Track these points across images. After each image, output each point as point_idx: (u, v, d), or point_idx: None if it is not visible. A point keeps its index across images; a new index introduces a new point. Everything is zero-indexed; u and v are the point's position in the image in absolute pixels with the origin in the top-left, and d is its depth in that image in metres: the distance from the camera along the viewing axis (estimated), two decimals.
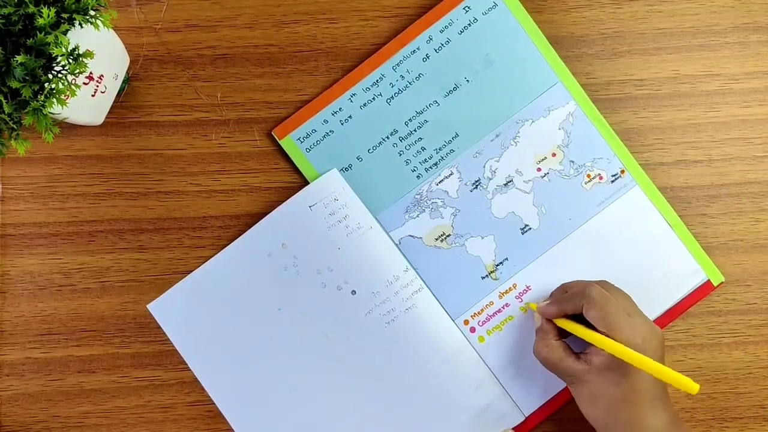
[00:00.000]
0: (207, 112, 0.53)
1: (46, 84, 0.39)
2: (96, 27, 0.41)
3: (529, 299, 0.52)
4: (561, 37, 0.54)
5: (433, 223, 0.53)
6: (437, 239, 0.52)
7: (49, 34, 0.38)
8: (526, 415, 0.51)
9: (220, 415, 0.51)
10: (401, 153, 0.53)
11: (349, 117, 0.53)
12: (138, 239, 0.53)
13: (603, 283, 0.47)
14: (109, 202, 0.53)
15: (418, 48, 0.53)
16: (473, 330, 0.52)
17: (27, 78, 0.38)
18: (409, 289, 0.51)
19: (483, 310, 0.52)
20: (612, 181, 0.53)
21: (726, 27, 0.54)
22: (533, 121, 0.53)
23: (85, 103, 0.46)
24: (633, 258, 0.52)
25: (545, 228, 0.53)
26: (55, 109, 0.40)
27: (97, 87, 0.46)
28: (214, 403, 0.51)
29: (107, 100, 0.50)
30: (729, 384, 0.53)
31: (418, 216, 0.53)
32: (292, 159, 0.53)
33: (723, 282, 0.53)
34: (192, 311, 0.51)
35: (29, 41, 0.38)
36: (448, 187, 0.53)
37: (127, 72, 0.51)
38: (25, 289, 0.52)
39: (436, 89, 0.53)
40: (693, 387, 0.39)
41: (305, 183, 0.53)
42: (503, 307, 0.52)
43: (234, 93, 0.53)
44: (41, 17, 0.38)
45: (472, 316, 0.52)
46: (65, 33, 0.39)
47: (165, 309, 0.51)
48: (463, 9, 0.53)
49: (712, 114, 0.54)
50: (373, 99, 0.53)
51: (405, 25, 0.53)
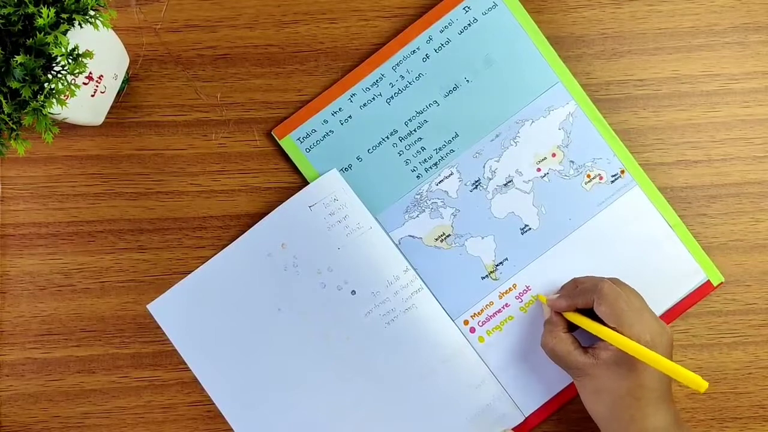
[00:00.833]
0: (207, 112, 0.53)
1: (45, 84, 0.39)
2: (95, 27, 0.41)
3: (528, 299, 0.52)
4: (561, 37, 0.54)
5: (433, 223, 0.53)
6: (437, 239, 0.52)
7: (49, 34, 0.38)
8: (526, 416, 0.51)
9: (220, 415, 0.51)
10: (401, 153, 0.53)
11: (349, 117, 0.53)
12: (138, 239, 0.53)
13: (615, 280, 0.47)
14: (109, 202, 0.53)
15: (418, 48, 0.53)
16: (473, 330, 0.52)
17: (27, 78, 0.38)
18: (409, 290, 0.51)
19: (483, 310, 0.52)
20: (612, 182, 0.53)
21: (726, 27, 0.54)
22: (533, 121, 0.53)
23: (85, 103, 0.46)
24: (633, 258, 0.52)
25: (545, 228, 0.53)
26: (55, 109, 0.40)
27: (97, 87, 0.46)
28: (214, 403, 0.51)
29: (107, 100, 0.50)
30: (729, 384, 0.53)
31: (417, 216, 0.53)
32: (291, 159, 0.53)
33: (723, 282, 0.53)
34: (192, 311, 0.51)
35: (29, 41, 0.38)
36: (447, 187, 0.53)
37: (127, 72, 0.51)
38: (25, 289, 0.52)
39: (436, 89, 0.53)
40: (702, 384, 0.39)
41: (305, 183, 0.53)
42: (503, 308, 0.52)
43: (234, 93, 0.53)
44: (41, 17, 0.38)
45: (472, 316, 0.52)
46: (65, 33, 0.39)
47: (165, 309, 0.51)
48: (463, 9, 0.53)
49: (712, 114, 0.54)
50: (373, 99, 0.53)
51: (405, 25, 0.53)
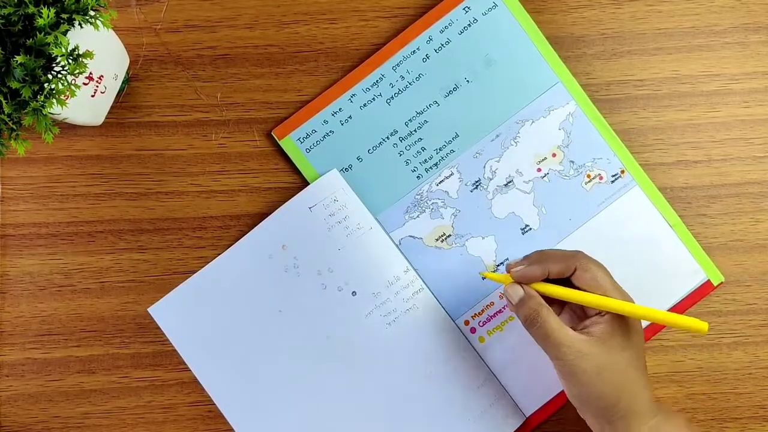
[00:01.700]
0: (207, 112, 0.53)
1: (45, 84, 0.39)
2: (96, 27, 0.41)
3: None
4: (561, 37, 0.54)
5: (434, 224, 0.53)
6: (438, 240, 0.52)
7: (49, 34, 0.38)
8: (526, 416, 0.51)
9: (220, 416, 0.51)
10: (401, 153, 0.53)
11: (349, 117, 0.53)
12: (138, 239, 0.53)
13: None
14: (109, 202, 0.53)
15: (418, 48, 0.53)
16: (474, 330, 0.52)
17: (27, 78, 0.38)
18: (410, 290, 0.51)
19: (483, 310, 0.52)
20: (612, 182, 0.53)
21: (726, 27, 0.54)
22: (533, 122, 0.53)
23: (85, 104, 0.46)
24: (633, 258, 0.52)
25: (545, 228, 0.53)
26: (55, 110, 0.40)
27: (97, 87, 0.46)
28: (214, 404, 0.51)
29: (107, 100, 0.49)
30: (729, 384, 0.53)
31: (418, 216, 0.53)
32: (292, 159, 0.53)
33: (723, 282, 0.53)
34: (193, 314, 0.51)
35: (29, 41, 0.38)
36: (448, 188, 0.53)
37: (127, 72, 0.51)
38: (25, 290, 0.52)
39: (436, 89, 0.53)
40: (703, 326, 0.36)
41: (305, 183, 0.53)
42: (504, 308, 0.52)
43: (234, 93, 0.53)
44: (41, 17, 0.38)
45: (472, 316, 0.52)
46: (65, 33, 0.39)
47: (166, 312, 0.51)
48: (463, 9, 0.53)
49: (712, 114, 0.54)
50: (373, 99, 0.53)
51: (405, 26, 0.53)
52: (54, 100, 0.39)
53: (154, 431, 0.52)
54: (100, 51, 0.42)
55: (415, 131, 0.53)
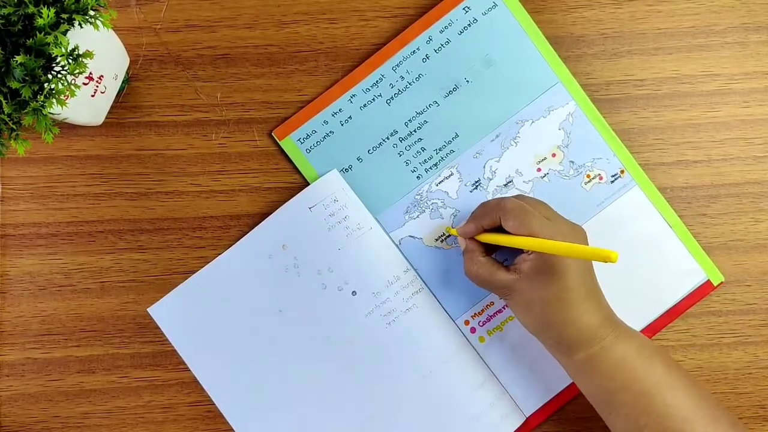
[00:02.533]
0: (207, 112, 0.53)
1: (45, 84, 0.39)
2: (96, 27, 0.41)
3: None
4: (561, 37, 0.54)
5: (434, 224, 0.53)
6: (437, 240, 0.52)
7: (49, 34, 0.38)
8: (526, 416, 0.51)
9: (220, 416, 0.51)
10: (401, 153, 0.53)
11: (349, 118, 0.53)
12: (138, 239, 0.53)
13: (518, 196, 0.48)
14: (109, 202, 0.53)
15: (418, 48, 0.53)
16: (474, 330, 0.52)
17: (27, 78, 0.38)
18: (410, 290, 0.51)
19: (483, 310, 0.52)
20: (612, 182, 0.53)
21: (726, 27, 0.54)
22: (533, 122, 0.53)
23: (85, 103, 0.46)
24: (633, 258, 0.52)
25: None
26: (55, 110, 0.40)
27: (97, 87, 0.46)
28: (214, 403, 0.51)
29: (107, 100, 0.49)
30: (729, 384, 0.53)
31: (418, 216, 0.53)
32: (292, 160, 0.53)
33: (723, 282, 0.53)
34: (193, 314, 0.51)
35: (29, 41, 0.38)
36: (448, 188, 0.53)
37: (127, 72, 0.51)
38: (25, 289, 0.52)
39: (436, 89, 0.53)
40: (612, 255, 0.37)
41: (305, 183, 0.53)
42: (504, 308, 0.52)
43: (234, 93, 0.53)
44: (41, 17, 0.38)
45: (472, 316, 0.52)
46: (65, 33, 0.39)
47: (165, 312, 0.51)
48: (463, 9, 0.53)
49: (712, 114, 0.54)
50: (373, 100, 0.53)
51: (405, 26, 0.53)
52: (54, 100, 0.39)
53: (154, 431, 0.52)
54: (100, 51, 0.42)
55: (415, 131, 0.53)
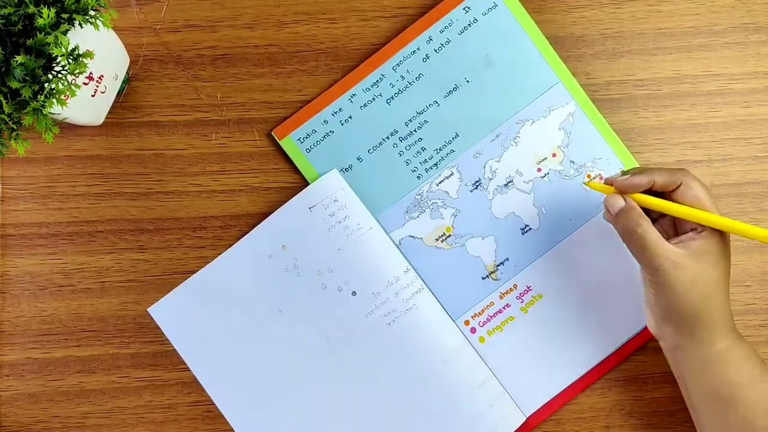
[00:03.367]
0: (207, 112, 0.53)
1: (46, 84, 0.39)
2: (96, 27, 0.41)
3: (528, 300, 0.52)
4: (561, 37, 0.54)
5: (434, 224, 0.53)
6: (437, 240, 0.52)
7: (49, 34, 0.38)
8: (527, 416, 0.51)
9: (220, 415, 0.51)
10: (401, 153, 0.53)
11: (349, 117, 0.53)
12: (138, 239, 0.53)
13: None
14: (109, 202, 0.53)
15: (418, 48, 0.53)
16: (474, 330, 0.52)
17: (27, 78, 0.38)
18: (410, 290, 0.51)
19: (484, 310, 0.52)
20: None
21: (726, 27, 0.54)
22: (533, 122, 0.53)
23: (85, 103, 0.46)
24: (633, 259, 0.52)
25: (545, 228, 0.53)
26: (55, 110, 0.40)
27: (97, 87, 0.46)
28: (214, 403, 0.51)
29: (107, 100, 0.49)
30: None
31: (418, 216, 0.53)
32: (292, 159, 0.53)
33: None
34: (193, 314, 0.51)
35: (29, 41, 0.38)
36: (448, 188, 0.53)
37: (127, 72, 0.51)
38: (25, 289, 0.52)
39: (436, 89, 0.53)
40: None
41: (305, 183, 0.53)
42: (504, 308, 0.52)
43: (234, 93, 0.53)
44: (41, 17, 0.38)
45: (472, 316, 0.52)
46: (65, 33, 0.39)
47: (166, 312, 0.51)
48: (463, 9, 0.53)
49: (712, 114, 0.54)
50: (373, 99, 0.53)
51: (405, 25, 0.53)
52: (54, 100, 0.39)
53: (154, 431, 0.52)
54: (100, 51, 0.42)
55: (415, 131, 0.53)
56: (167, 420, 0.52)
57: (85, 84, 0.44)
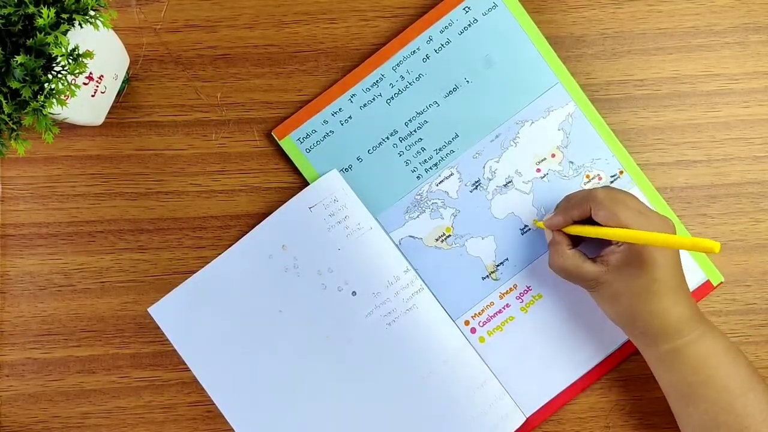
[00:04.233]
0: (207, 112, 0.53)
1: (45, 84, 0.39)
2: (96, 27, 0.41)
3: (528, 299, 0.52)
4: (561, 37, 0.54)
5: (434, 224, 0.53)
6: (437, 240, 0.52)
7: (49, 34, 0.38)
8: (527, 416, 0.51)
9: (220, 415, 0.51)
10: (401, 153, 0.53)
11: (349, 117, 0.53)
12: (138, 239, 0.53)
13: (607, 188, 0.47)
14: (109, 202, 0.53)
15: (418, 48, 0.53)
16: (474, 330, 0.52)
17: (27, 78, 0.38)
18: (410, 290, 0.51)
19: (484, 310, 0.52)
20: (611, 182, 0.53)
21: (726, 27, 0.54)
22: (533, 122, 0.53)
23: (85, 103, 0.46)
24: None
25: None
26: (55, 110, 0.40)
27: (97, 87, 0.46)
28: (214, 403, 0.51)
29: (107, 100, 0.50)
30: None
31: (418, 216, 0.53)
32: (292, 159, 0.53)
33: (723, 282, 0.53)
34: (193, 314, 0.51)
35: (29, 41, 0.38)
36: (448, 188, 0.53)
37: (127, 72, 0.51)
38: (25, 290, 0.52)
39: (436, 90, 0.53)
40: (714, 245, 0.37)
41: (305, 183, 0.53)
42: (504, 308, 0.52)
43: (234, 93, 0.53)
44: (41, 17, 0.38)
45: (472, 316, 0.52)
46: (65, 33, 0.39)
47: (166, 312, 0.51)
48: (463, 9, 0.53)
49: (712, 114, 0.54)
50: (373, 99, 0.53)
51: (405, 26, 0.53)
52: (54, 100, 0.39)
53: (154, 431, 0.52)
54: (100, 51, 0.42)
55: (415, 131, 0.53)
56: (167, 420, 0.52)
57: (85, 84, 0.44)
